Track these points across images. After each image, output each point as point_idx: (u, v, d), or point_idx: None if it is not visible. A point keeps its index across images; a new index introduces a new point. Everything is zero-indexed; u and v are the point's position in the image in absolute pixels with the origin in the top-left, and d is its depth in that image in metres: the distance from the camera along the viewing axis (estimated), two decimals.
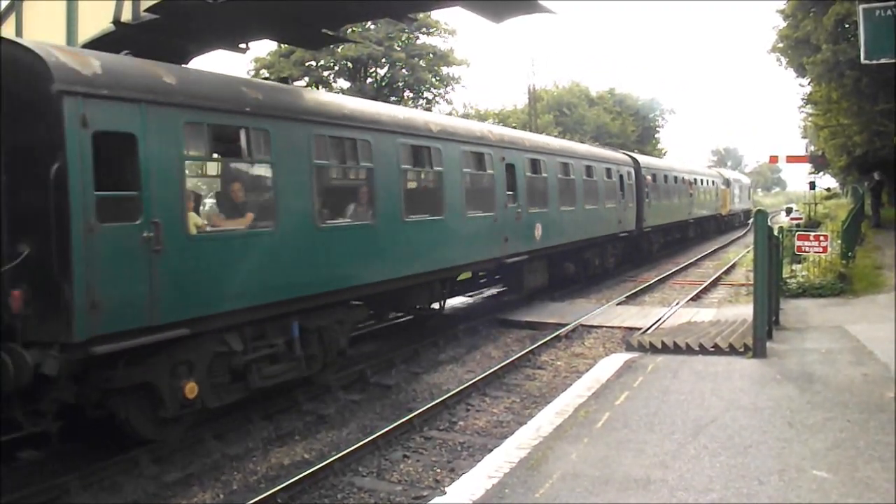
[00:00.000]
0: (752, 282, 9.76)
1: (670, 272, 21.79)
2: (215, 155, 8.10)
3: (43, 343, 6.09)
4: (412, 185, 11.54)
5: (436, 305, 13.08)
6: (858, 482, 5.08)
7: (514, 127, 32.11)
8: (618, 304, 15.99)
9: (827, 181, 52.56)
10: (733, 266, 22.75)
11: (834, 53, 17.18)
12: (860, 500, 4.82)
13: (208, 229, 7.60)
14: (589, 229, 18.15)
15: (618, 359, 9.54)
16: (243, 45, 10.90)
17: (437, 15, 36.42)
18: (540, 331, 13.33)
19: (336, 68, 37.00)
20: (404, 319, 13.98)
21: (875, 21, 10.49)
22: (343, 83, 37.31)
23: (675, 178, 28.14)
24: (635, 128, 54.24)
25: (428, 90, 39.09)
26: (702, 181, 33.61)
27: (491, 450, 6.57)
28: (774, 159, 33.56)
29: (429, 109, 36.21)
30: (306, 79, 35.87)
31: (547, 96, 50.60)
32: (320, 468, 6.87)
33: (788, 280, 14.31)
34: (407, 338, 12.78)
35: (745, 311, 11.03)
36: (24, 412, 6.40)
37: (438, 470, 7.14)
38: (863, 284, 14.29)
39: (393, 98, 36.11)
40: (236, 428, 8.17)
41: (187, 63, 9.61)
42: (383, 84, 37.68)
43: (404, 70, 37.15)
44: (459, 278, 14.98)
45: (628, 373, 8.62)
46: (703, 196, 33.55)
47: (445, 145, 11.73)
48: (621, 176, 21.20)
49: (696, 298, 16.66)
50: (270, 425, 8.40)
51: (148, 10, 8.75)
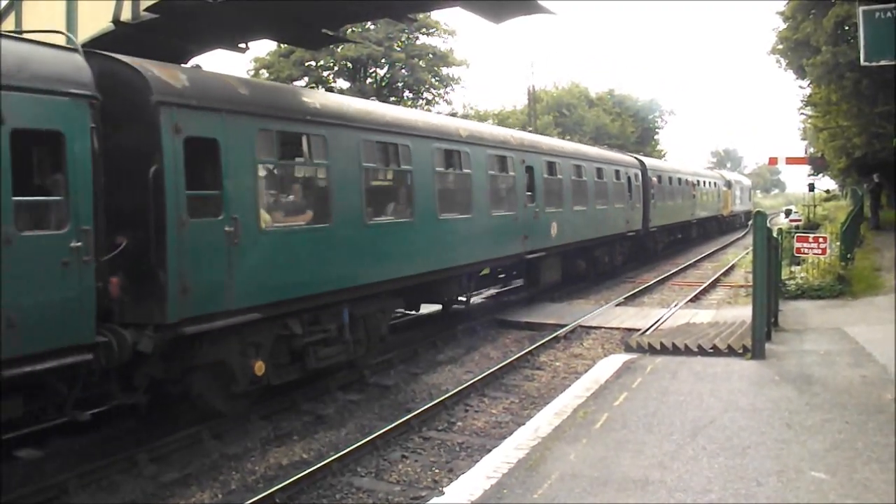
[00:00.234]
0: (751, 283, 9.76)
1: (669, 273, 21.82)
2: (282, 158, 8.88)
3: (137, 324, 6.80)
4: (444, 186, 12.28)
5: (462, 298, 13.75)
6: (857, 483, 5.09)
7: (514, 128, 32.15)
8: (617, 305, 16.00)
9: (826, 183, 52.73)
10: (732, 267, 22.76)
11: (834, 55, 17.18)
12: (858, 502, 4.82)
13: (275, 225, 8.33)
14: (599, 228, 18.92)
15: (617, 360, 9.55)
16: (243, 45, 10.91)
17: (437, 15, 36.47)
18: (539, 331, 13.33)
19: (336, 68, 37.00)
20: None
21: (875, 23, 10.53)
22: (343, 83, 37.31)
23: (679, 180, 28.69)
24: (634, 129, 54.28)
25: (427, 90, 39.11)
26: (704, 183, 34.06)
27: (489, 450, 6.58)
28: (774, 161, 33.54)
29: (428, 110, 36.21)
30: (306, 79, 35.86)
31: (546, 97, 50.57)
32: (319, 468, 6.88)
33: (787, 281, 14.31)
34: (430, 330, 13.36)
35: (744, 313, 11.04)
36: (120, 386, 7.13)
37: (437, 470, 7.14)
38: (862, 286, 14.28)
39: (392, 98, 36.11)
40: (235, 428, 8.17)
41: (186, 63, 9.62)
42: (383, 84, 37.68)
43: (404, 70, 37.16)
44: (480, 273, 15.60)
45: (627, 374, 8.63)
46: (706, 197, 33.98)
47: (473, 149, 12.63)
48: (629, 178, 21.85)
49: (695, 300, 16.67)
50: (269, 425, 8.40)
51: (147, 10, 8.74)
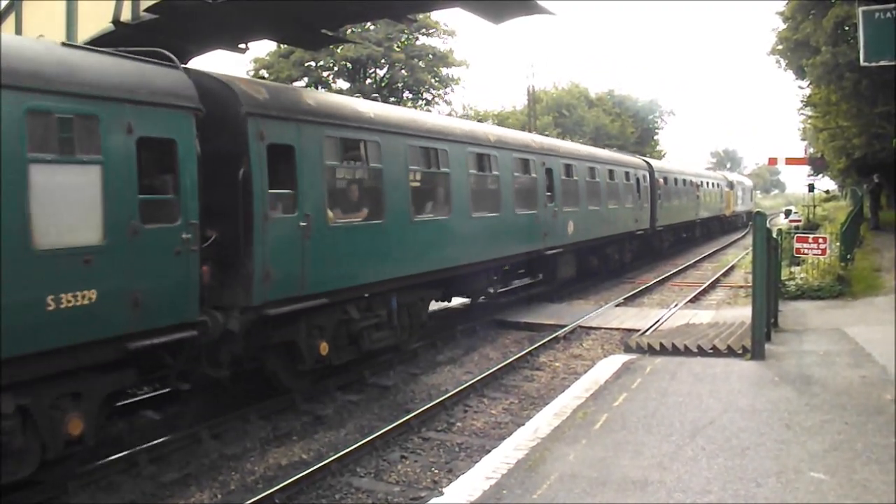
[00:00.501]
0: (751, 284, 9.76)
1: (669, 273, 21.82)
2: (344, 162, 9.77)
3: (224, 307, 7.63)
4: (476, 187, 13.02)
5: (490, 290, 14.56)
6: (856, 484, 5.08)
7: (514, 128, 32.15)
8: (616, 306, 15.99)
9: (826, 183, 52.81)
10: (732, 268, 22.75)
11: (833, 56, 17.20)
12: (858, 502, 4.82)
13: (338, 221, 9.20)
14: (611, 227, 19.96)
15: (616, 360, 9.54)
16: (243, 46, 10.92)
17: (437, 16, 36.50)
18: (538, 332, 13.33)
19: (335, 69, 37.02)
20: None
21: (874, 23, 10.54)
22: (342, 84, 37.32)
23: (684, 181, 29.65)
24: (634, 129, 54.30)
25: (427, 91, 39.11)
26: (707, 184, 34.89)
27: (489, 451, 6.58)
28: (773, 161, 33.59)
29: (428, 110, 36.20)
30: (305, 79, 35.88)
31: (546, 97, 50.59)
32: (318, 469, 6.88)
33: (787, 282, 14.30)
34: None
35: (744, 313, 11.04)
36: (209, 362, 7.92)
37: (436, 471, 7.13)
38: (861, 287, 14.28)
39: (392, 99, 36.10)
40: (234, 428, 8.18)
41: (186, 63, 9.62)
42: (383, 85, 37.68)
43: (404, 71, 37.16)
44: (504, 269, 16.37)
45: (626, 374, 8.62)
46: (709, 198, 34.79)
47: (500, 153, 13.60)
48: (638, 179, 22.84)
49: (695, 300, 16.66)
50: (268, 425, 8.39)
51: (147, 10, 8.74)
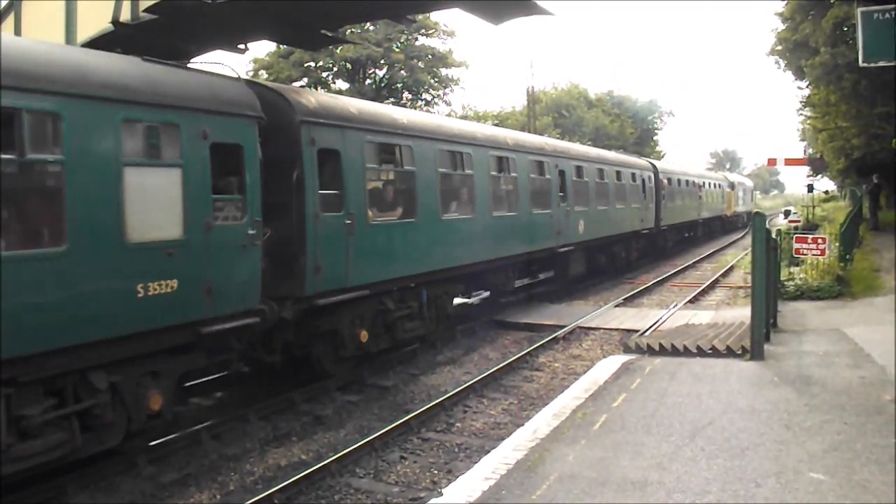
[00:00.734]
0: (750, 284, 9.76)
1: (669, 274, 21.83)
2: (381, 164, 10.52)
3: (278, 297, 8.24)
4: (497, 188, 13.66)
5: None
6: (855, 485, 5.08)
7: (513, 129, 32.16)
8: (616, 306, 15.99)
9: (825, 184, 52.84)
10: (731, 268, 22.76)
11: (832, 56, 17.20)
12: (857, 503, 4.82)
13: (377, 219, 9.97)
14: (619, 226, 20.84)
15: (615, 361, 9.54)
16: (242, 46, 10.92)
17: (436, 16, 36.46)
18: (538, 332, 13.33)
19: (335, 69, 36.99)
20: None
21: (873, 24, 10.55)
22: (342, 84, 37.29)
23: (688, 182, 30.34)
24: (633, 130, 54.29)
25: (427, 91, 39.09)
26: (709, 184, 35.38)
27: (488, 451, 6.57)
28: (773, 162, 33.67)
29: (428, 111, 36.20)
30: (305, 80, 35.84)
31: (545, 98, 50.58)
32: (317, 469, 6.87)
33: (786, 282, 14.31)
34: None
35: (743, 314, 11.04)
36: (263, 348, 8.80)
37: (436, 471, 7.13)
38: (861, 287, 14.28)
39: (391, 100, 36.09)
40: (233, 428, 8.17)
41: (186, 63, 9.61)
42: (382, 85, 37.65)
43: (403, 71, 37.12)
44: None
45: (626, 375, 8.62)
46: (711, 198, 35.34)
47: (518, 156, 14.33)
48: (643, 180, 23.62)
49: (694, 301, 16.66)
50: (268, 426, 8.39)
51: (147, 11, 8.74)
